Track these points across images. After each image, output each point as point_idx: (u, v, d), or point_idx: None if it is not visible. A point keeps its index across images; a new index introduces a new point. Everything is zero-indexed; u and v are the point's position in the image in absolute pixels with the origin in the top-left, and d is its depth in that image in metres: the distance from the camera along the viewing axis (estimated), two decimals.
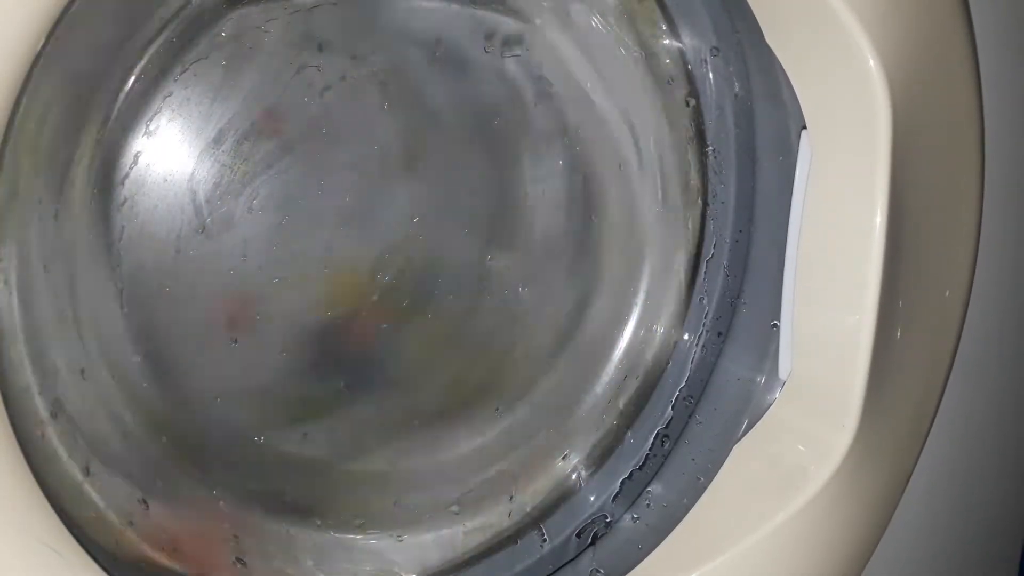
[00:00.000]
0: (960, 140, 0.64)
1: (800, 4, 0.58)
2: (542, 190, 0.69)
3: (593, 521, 0.72)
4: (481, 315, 0.70)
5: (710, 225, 0.71)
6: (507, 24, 0.66)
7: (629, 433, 0.73)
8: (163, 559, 0.60)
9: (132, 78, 0.56)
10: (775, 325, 0.66)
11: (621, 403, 0.73)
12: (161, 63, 0.57)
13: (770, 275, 0.67)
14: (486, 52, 0.66)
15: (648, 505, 0.70)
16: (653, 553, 0.65)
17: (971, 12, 0.62)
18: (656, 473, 0.71)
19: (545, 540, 0.71)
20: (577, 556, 0.71)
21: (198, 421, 0.63)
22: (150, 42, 0.56)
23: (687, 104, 0.69)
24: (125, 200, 0.57)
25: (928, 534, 0.85)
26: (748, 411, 0.67)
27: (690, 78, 0.69)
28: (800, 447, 0.63)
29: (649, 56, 0.69)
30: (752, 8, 0.61)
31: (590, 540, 0.71)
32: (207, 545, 0.62)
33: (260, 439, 0.64)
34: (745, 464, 0.66)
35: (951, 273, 0.65)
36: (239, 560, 0.63)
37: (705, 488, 0.66)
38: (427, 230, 0.66)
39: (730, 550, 0.62)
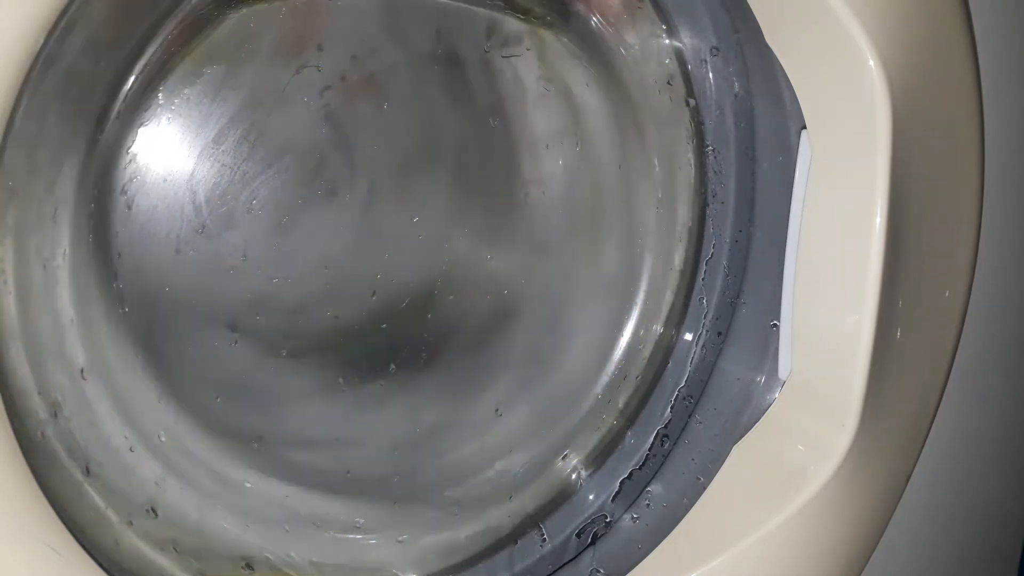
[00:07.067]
0: (960, 140, 0.64)
1: (800, 4, 0.58)
2: (542, 190, 0.69)
3: (593, 521, 0.72)
4: (481, 315, 0.70)
5: (710, 225, 0.71)
6: (507, 24, 0.66)
7: (629, 433, 0.73)
8: (163, 559, 0.60)
9: (132, 78, 0.56)
10: (775, 325, 0.66)
11: (621, 403, 0.73)
12: (161, 63, 0.57)
13: (770, 275, 0.67)
14: (486, 52, 0.66)
15: (648, 505, 0.70)
16: (653, 553, 0.65)
17: (971, 12, 0.62)
18: (656, 473, 0.71)
19: (545, 540, 0.71)
20: (577, 556, 0.71)
21: (198, 421, 0.63)
22: (150, 42, 0.56)
23: (687, 104, 0.69)
24: (125, 200, 0.57)
25: (928, 534, 0.85)
26: (748, 411, 0.67)
27: (690, 78, 0.69)
28: (800, 447, 0.63)
29: (649, 56, 0.69)
30: (752, 8, 0.61)
31: (590, 540, 0.71)
32: (210, 545, 0.62)
33: (260, 439, 0.64)
34: (745, 464, 0.66)
35: (951, 273, 0.65)
36: (247, 566, 0.63)
37: (705, 488, 0.66)
38: (427, 230, 0.66)
39: (730, 550, 0.62)
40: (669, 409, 0.72)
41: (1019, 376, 0.89)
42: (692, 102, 0.69)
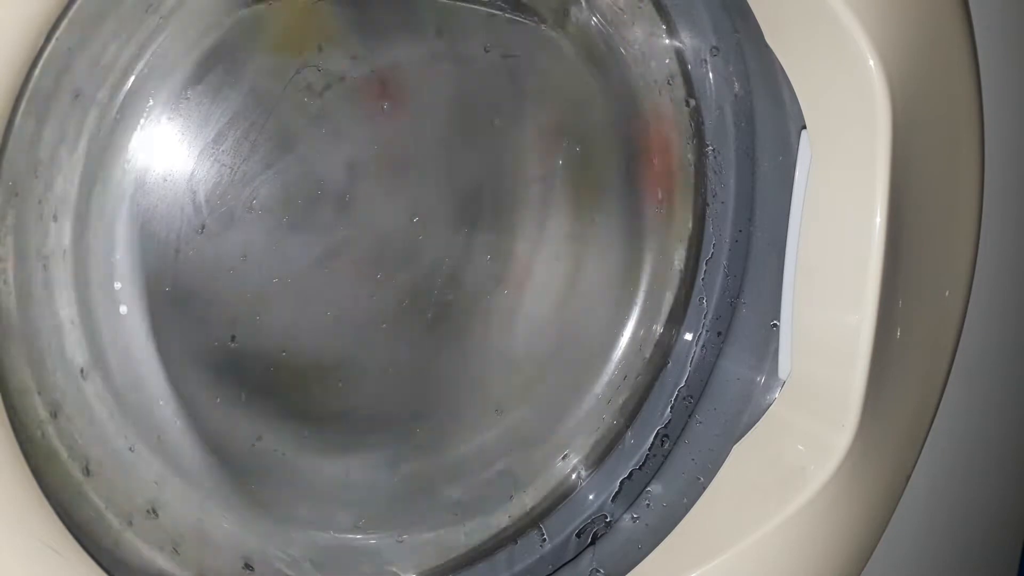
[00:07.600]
0: (960, 140, 0.64)
1: (800, 4, 0.58)
2: (542, 190, 0.69)
3: (593, 521, 0.72)
4: (481, 315, 0.70)
5: (710, 225, 0.71)
6: (508, 24, 0.66)
7: (629, 433, 0.73)
8: (163, 559, 0.60)
9: (132, 78, 0.56)
10: (775, 325, 0.66)
11: (621, 403, 0.73)
12: (160, 63, 0.57)
13: (770, 275, 0.67)
14: (486, 52, 0.66)
15: (648, 505, 0.70)
16: (653, 553, 0.65)
17: (971, 12, 0.62)
18: (656, 473, 0.71)
19: (545, 540, 0.71)
20: (577, 556, 0.71)
21: (198, 421, 0.63)
22: (149, 42, 0.56)
23: (687, 104, 0.69)
24: (125, 200, 0.57)
25: (928, 534, 0.85)
26: (748, 411, 0.67)
27: (690, 78, 0.69)
28: (800, 447, 0.63)
29: (649, 56, 0.69)
30: (752, 8, 0.61)
31: (590, 540, 0.71)
32: (210, 545, 0.62)
33: (260, 439, 0.64)
34: (745, 464, 0.66)
35: (951, 273, 0.65)
36: (247, 566, 0.63)
37: (705, 488, 0.66)
38: (427, 230, 0.66)
39: (730, 550, 0.62)
40: (669, 409, 0.72)
41: (1019, 376, 0.89)
42: (692, 102, 0.69)
